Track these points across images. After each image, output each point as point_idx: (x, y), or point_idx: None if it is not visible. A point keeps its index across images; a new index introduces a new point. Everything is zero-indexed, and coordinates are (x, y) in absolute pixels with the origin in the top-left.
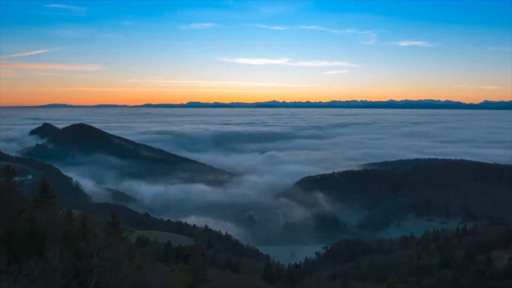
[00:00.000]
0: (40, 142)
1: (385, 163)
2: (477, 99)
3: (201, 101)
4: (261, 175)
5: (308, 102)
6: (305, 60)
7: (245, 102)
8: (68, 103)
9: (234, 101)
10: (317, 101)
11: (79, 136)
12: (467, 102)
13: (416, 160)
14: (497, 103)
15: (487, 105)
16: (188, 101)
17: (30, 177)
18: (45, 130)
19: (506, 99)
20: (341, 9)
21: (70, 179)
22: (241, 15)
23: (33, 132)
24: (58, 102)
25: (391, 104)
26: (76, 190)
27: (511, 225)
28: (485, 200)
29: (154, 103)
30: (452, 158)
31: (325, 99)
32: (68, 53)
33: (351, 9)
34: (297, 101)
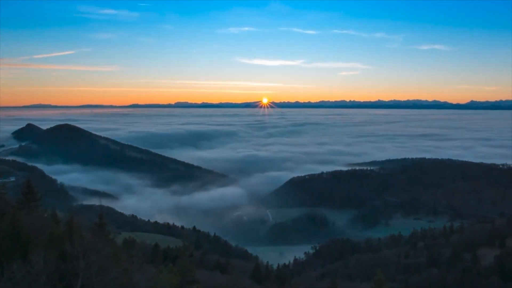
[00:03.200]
0: (23, 143)
1: (374, 162)
2: (464, 99)
3: (189, 101)
4: (250, 175)
5: (297, 102)
6: (320, 61)
7: (234, 102)
8: (52, 103)
9: (223, 101)
10: (306, 101)
11: (63, 137)
12: (454, 102)
13: (404, 159)
14: (483, 103)
15: (473, 105)
16: (176, 101)
17: (13, 178)
18: (28, 130)
19: (492, 99)
20: (374, 15)
21: (55, 180)
22: (279, 20)
23: (16, 133)
24: (42, 103)
25: (379, 104)
26: (61, 191)
27: (496, 223)
28: (471, 199)
29: (141, 103)
30: (440, 158)
31: (315, 99)
32: (92, 54)
33: (384, 15)
34: (287, 101)
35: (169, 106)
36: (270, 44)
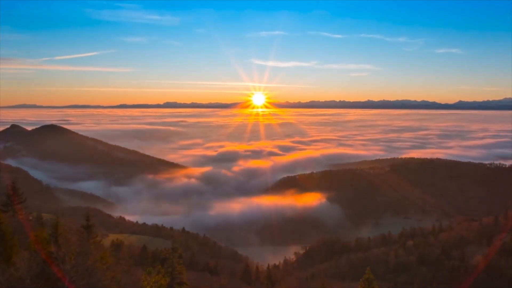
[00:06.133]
0: (7, 144)
1: (364, 162)
2: (452, 99)
3: (178, 101)
4: (239, 175)
5: (287, 102)
6: (333, 63)
7: (223, 102)
8: (38, 103)
9: (212, 102)
10: (296, 101)
11: (49, 138)
12: (443, 102)
13: (394, 159)
14: (470, 103)
15: (461, 105)
16: (165, 101)
17: None
18: (13, 131)
19: (479, 99)
20: (400, 20)
21: (40, 182)
22: (310, 24)
23: None
24: (26, 103)
25: (368, 105)
26: (47, 193)
27: (484, 221)
28: (459, 197)
29: (129, 103)
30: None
31: (305, 99)
32: (114, 56)
33: (410, 20)
34: (276, 101)
35: (157, 106)
36: (291, 46)
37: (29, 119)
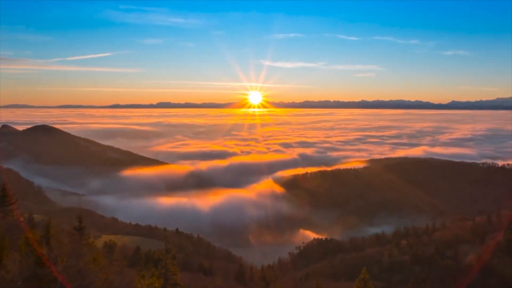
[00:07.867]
0: None
1: (358, 162)
2: (446, 100)
3: (171, 102)
4: (232, 175)
5: (281, 102)
6: (340, 64)
7: (217, 102)
8: (29, 104)
9: (206, 102)
10: (291, 101)
11: (40, 138)
12: (436, 102)
13: (388, 158)
14: (464, 103)
15: (454, 105)
16: (158, 101)
17: None
18: (4, 132)
19: (472, 99)
20: (413, 24)
21: (32, 183)
22: (328, 27)
23: None
24: (19, 103)
25: (362, 104)
26: (39, 194)
27: (477, 220)
28: (452, 197)
29: (122, 103)
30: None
31: (299, 99)
32: (125, 57)
33: (423, 24)
34: (272, 101)
35: (150, 106)
36: (303, 48)
37: (20, 119)
